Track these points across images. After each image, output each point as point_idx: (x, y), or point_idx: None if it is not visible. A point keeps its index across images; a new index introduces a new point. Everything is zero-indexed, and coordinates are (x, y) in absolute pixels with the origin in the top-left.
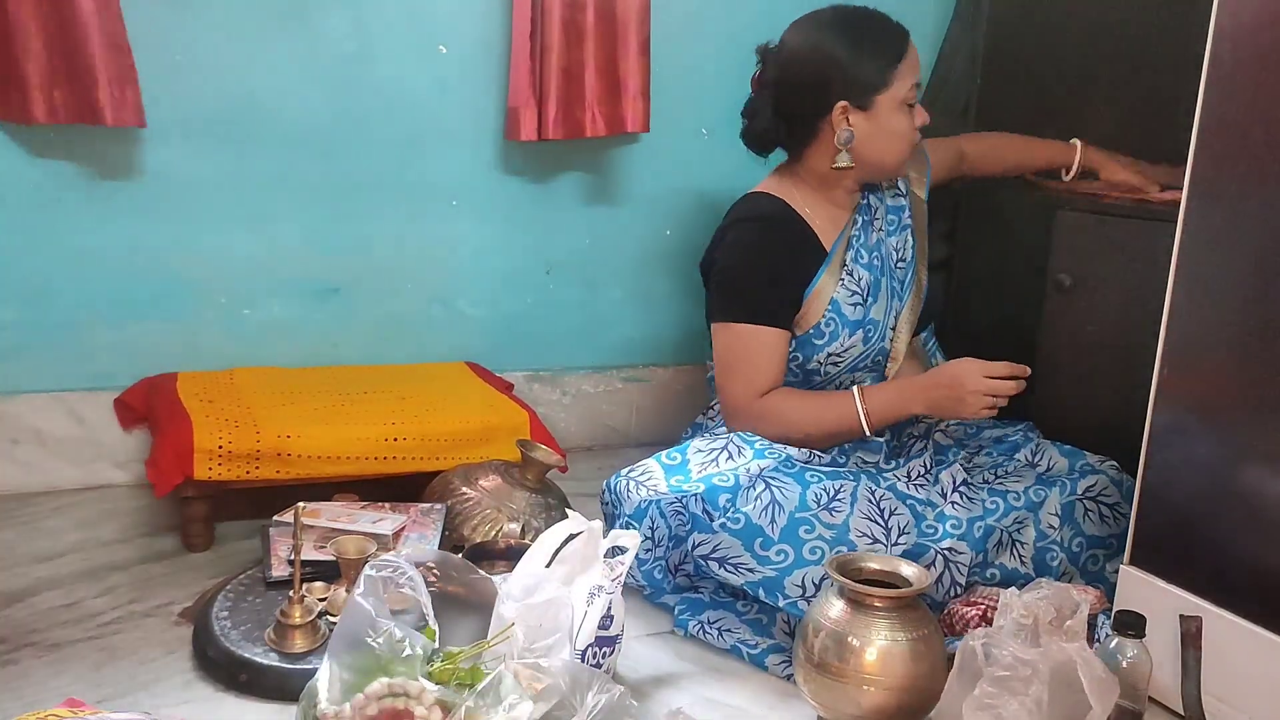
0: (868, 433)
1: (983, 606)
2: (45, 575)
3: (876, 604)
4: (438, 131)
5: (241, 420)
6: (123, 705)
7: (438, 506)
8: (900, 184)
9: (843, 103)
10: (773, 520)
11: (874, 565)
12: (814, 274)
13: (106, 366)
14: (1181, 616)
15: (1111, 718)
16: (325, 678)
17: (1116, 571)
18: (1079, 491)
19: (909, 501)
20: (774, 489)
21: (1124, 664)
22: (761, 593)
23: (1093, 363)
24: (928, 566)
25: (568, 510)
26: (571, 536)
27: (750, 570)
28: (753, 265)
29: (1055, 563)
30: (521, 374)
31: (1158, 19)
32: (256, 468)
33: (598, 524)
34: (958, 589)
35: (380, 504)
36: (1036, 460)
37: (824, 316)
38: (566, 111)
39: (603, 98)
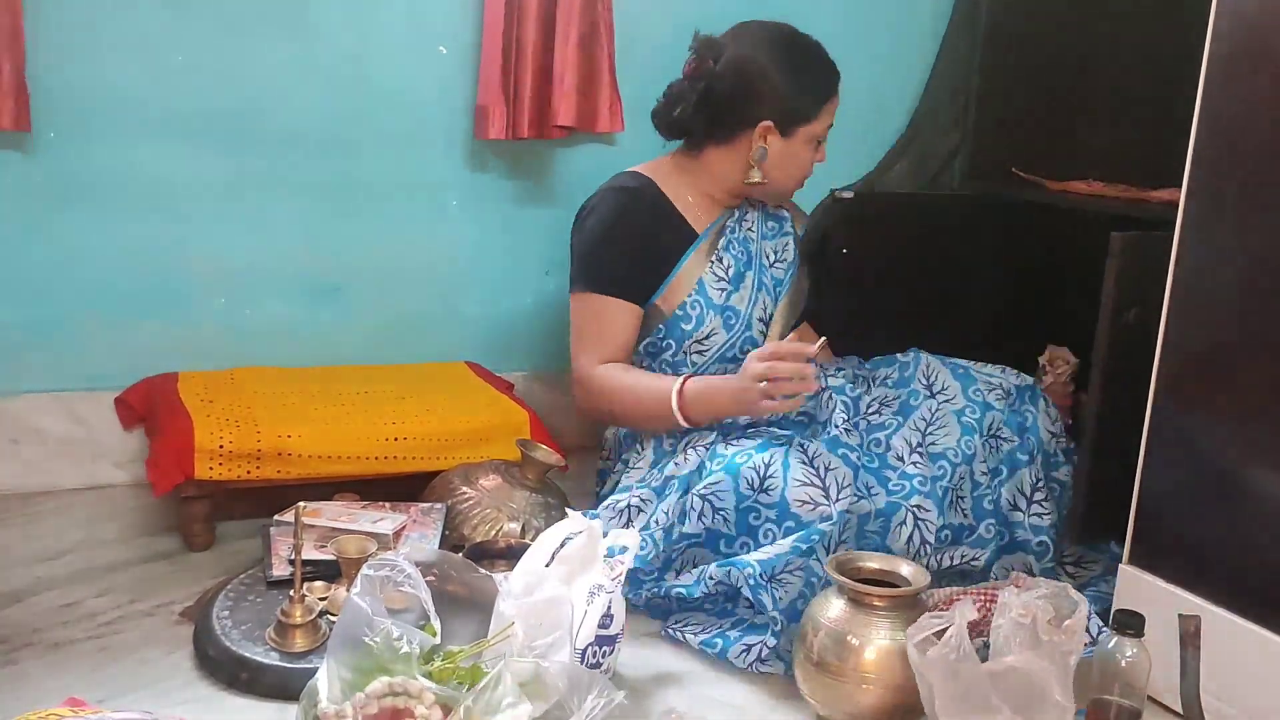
0: (680, 422)
1: (982, 599)
2: (45, 575)
3: (876, 603)
4: (438, 131)
5: (242, 420)
6: (123, 705)
7: (438, 506)
8: (782, 210)
9: (768, 123)
10: (725, 521)
11: (873, 564)
12: (680, 254)
13: (106, 366)
14: (1181, 616)
15: (1111, 717)
16: (325, 677)
17: (1041, 505)
18: (985, 430)
19: (840, 451)
20: (711, 498)
21: (1123, 663)
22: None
23: None
24: (898, 526)
25: (568, 510)
26: (572, 536)
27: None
28: (608, 237)
29: (990, 506)
30: (521, 374)
31: (1156, 19)
32: (257, 467)
33: (597, 523)
34: (926, 549)
35: (380, 504)
36: (931, 380)
37: (689, 297)
38: (541, 111)
39: (580, 98)
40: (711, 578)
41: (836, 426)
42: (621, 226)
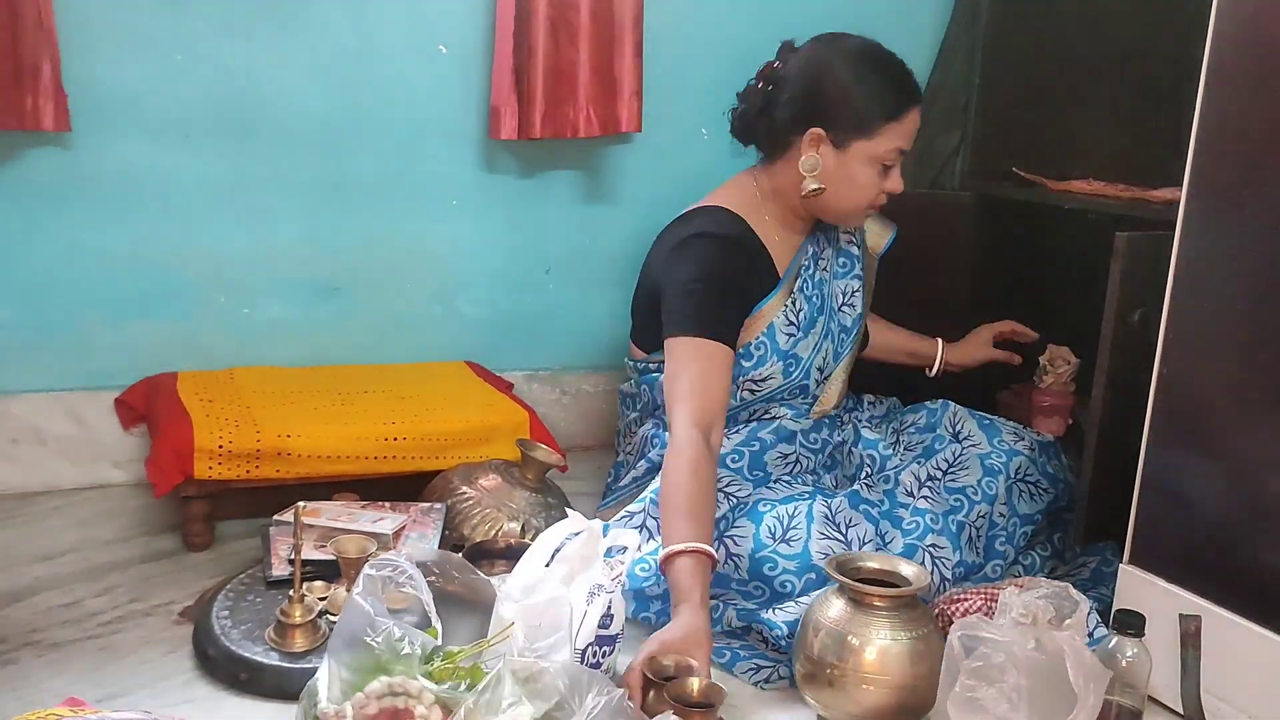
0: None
1: (983, 597)
2: (45, 575)
3: (876, 603)
4: (438, 131)
5: (241, 420)
6: (123, 705)
7: (438, 506)
8: (856, 235)
9: (819, 130)
10: (736, 568)
11: (874, 564)
12: (763, 295)
13: (106, 366)
14: (1181, 616)
15: (1112, 717)
16: (325, 677)
17: (1043, 546)
18: (1012, 475)
19: (861, 507)
20: (727, 541)
21: (1124, 663)
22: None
23: None
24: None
25: (567, 510)
26: (571, 536)
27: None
28: (717, 281)
29: (1003, 548)
30: (521, 374)
31: (1156, 19)
32: (257, 467)
33: (597, 523)
34: (946, 585)
35: (380, 503)
36: (957, 428)
37: (756, 338)
38: (554, 111)
39: (595, 97)
40: (729, 623)
41: (859, 481)
42: (727, 273)
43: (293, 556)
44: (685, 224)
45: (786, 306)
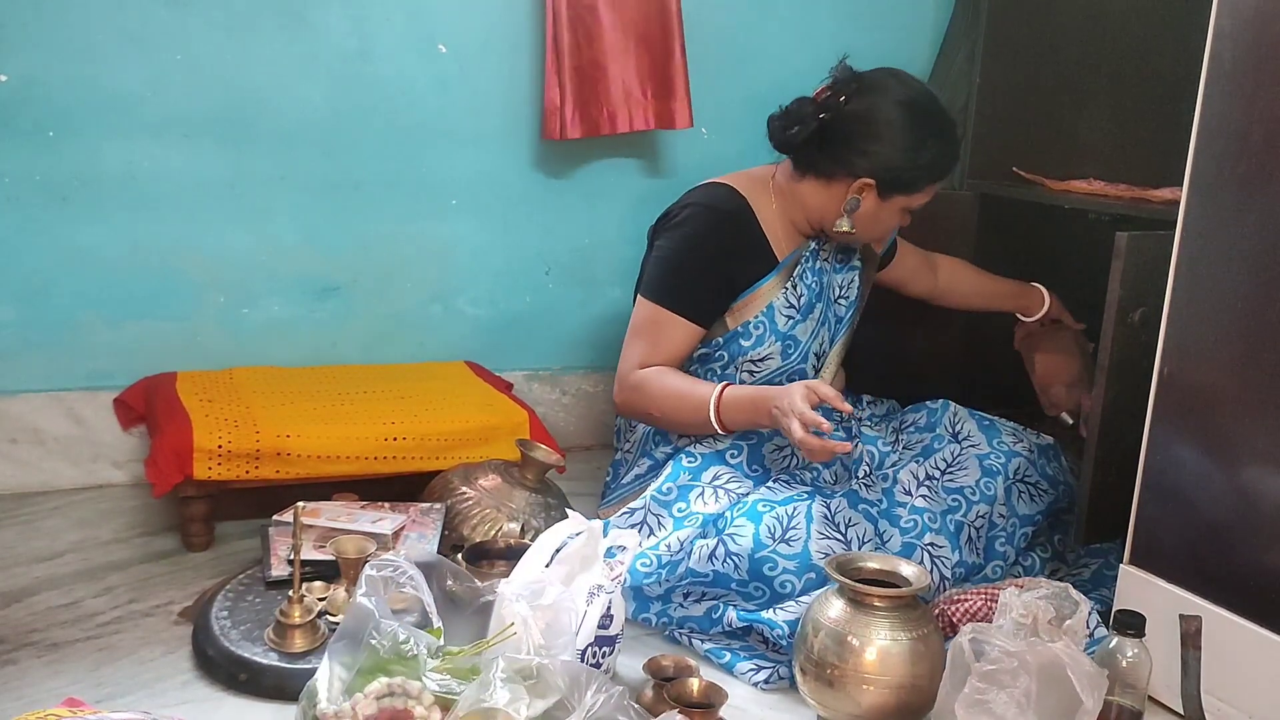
0: (718, 430)
1: (983, 597)
2: (44, 575)
3: (876, 603)
4: (437, 131)
5: (241, 420)
6: (122, 705)
7: (437, 506)
8: None
9: (869, 181)
10: (736, 568)
11: (874, 565)
12: (758, 277)
13: (105, 366)
14: (1181, 616)
15: (1112, 717)
16: (325, 677)
17: (1043, 548)
18: (1011, 476)
19: (860, 506)
20: (726, 540)
21: (1124, 663)
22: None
23: None
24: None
25: (567, 510)
26: (572, 536)
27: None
28: (691, 257)
29: (1003, 549)
30: (521, 374)
31: (1157, 19)
32: (256, 467)
33: (597, 524)
34: (946, 585)
35: (380, 504)
36: (957, 429)
37: (755, 317)
38: (590, 111)
39: (642, 96)
40: (730, 623)
41: (857, 479)
42: (707, 249)
43: (292, 557)
44: (683, 197)
45: (786, 289)
